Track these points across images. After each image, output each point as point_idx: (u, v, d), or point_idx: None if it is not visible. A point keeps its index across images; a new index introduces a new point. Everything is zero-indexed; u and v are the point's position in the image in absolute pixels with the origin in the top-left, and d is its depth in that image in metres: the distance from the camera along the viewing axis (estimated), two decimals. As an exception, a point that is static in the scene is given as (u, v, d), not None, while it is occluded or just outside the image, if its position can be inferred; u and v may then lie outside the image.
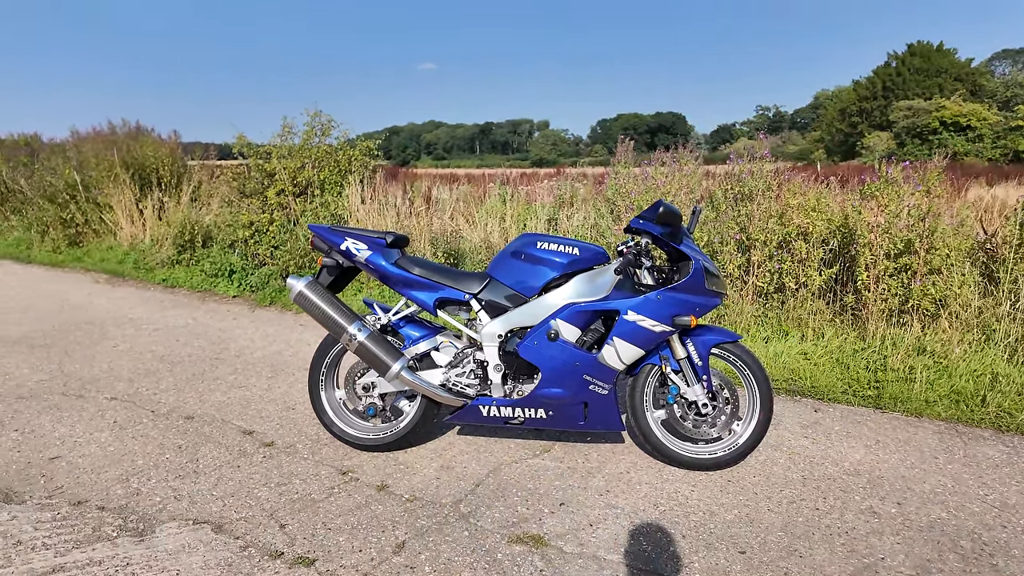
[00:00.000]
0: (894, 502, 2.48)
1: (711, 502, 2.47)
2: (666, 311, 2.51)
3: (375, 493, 2.53)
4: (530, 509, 2.42)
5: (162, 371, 4.00)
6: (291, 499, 2.49)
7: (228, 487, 2.57)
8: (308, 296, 2.66)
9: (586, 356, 2.57)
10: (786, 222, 4.46)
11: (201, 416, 3.30)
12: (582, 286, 2.60)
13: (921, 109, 44.58)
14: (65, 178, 9.19)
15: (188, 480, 2.63)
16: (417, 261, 2.76)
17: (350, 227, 2.83)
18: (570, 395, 2.61)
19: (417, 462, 2.80)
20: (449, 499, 2.49)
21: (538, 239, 2.68)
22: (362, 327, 2.64)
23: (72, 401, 3.50)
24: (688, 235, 2.69)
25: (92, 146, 9.54)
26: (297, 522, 2.33)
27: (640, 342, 2.54)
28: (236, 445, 2.96)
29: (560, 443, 2.98)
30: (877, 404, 3.45)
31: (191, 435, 3.07)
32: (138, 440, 3.01)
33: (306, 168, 6.73)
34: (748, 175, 4.58)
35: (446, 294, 2.71)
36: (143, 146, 9.44)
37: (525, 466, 2.76)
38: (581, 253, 2.63)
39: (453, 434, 3.08)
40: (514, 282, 2.67)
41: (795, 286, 4.39)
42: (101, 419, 3.26)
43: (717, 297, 2.60)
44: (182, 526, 2.30)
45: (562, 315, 2.57)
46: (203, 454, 2.87)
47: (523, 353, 2.61)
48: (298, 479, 2.64)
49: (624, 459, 2.82)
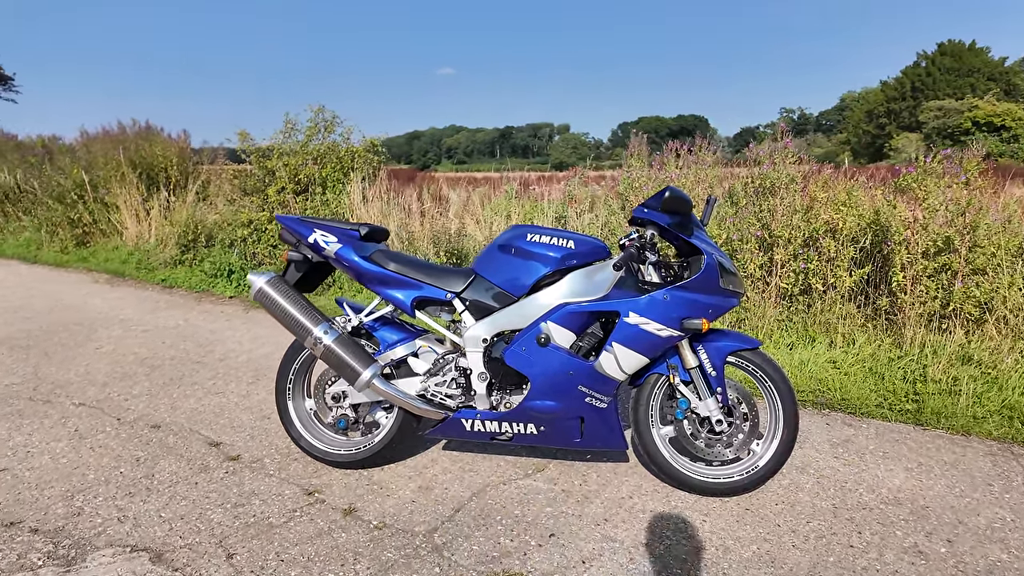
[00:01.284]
0: (943, 539, 2.11)
1: (726, 535, 2.12)
2: (674, 313, 2.17)
3: (340, 518, 2.23)
4: (514, 541, 2.10)
5: (139, 375, 3.76)
6: (246, 523, 2.20)
7: (180, 508, 2.30)
8: (269, 294, 2.38)
9: (581, 364, 2.25)
10: (812, 218, 4.09)
11: (168, 425, 3.04)
12: (578, 284, 2.28)
13: (952, 109, 43.31)
14: (73, 178, 9.11)
15: (137, 499, 2.36)
16: (394, 256, 2.46)
17: (321, 218, 2.55)
18: (563, 408, 2.29)
19: (393, 482, 2.49)
20: (423, 527, 2.18)
21: (529, 231, 2.37)
22: (329, 329, 2.35)
23: (37, 407, 3.27)
24: (701, 227, 2.35)
25: (101, 146, 9.46)
26: (247, 551, 2.04)
27: (644, 348, 2.21)
28: (199, 458, 2.69)
29: (556, 462, 2.66)
30: (917, 420, 3.07)
31: (153, 446, 2.81)
32: (95, 451, 2.75)
33: (307, 165, 6.50)
34: (770, 166, 4.21)
35: (425, 293, 2.41)
36: (152, 146, 9.34)
37: (514, 488, 2.44)
38: (577, 247, 2.31)
39: (437, 449, 2.77)
40: (501, 279, 2.36)
41: (823, 288, 4.01)
42: (62, 427, 3.01)
43: (734, 297, 2.26)
44: (117, 554, 2.02)
45: (554, 317, 2.25)
46: (161, 468, 2.60)
47: (509, 360, 2.29)
48: (258, 499, 2.36)
49: (627, 482, 2.48)
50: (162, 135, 9.81)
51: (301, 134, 6.90)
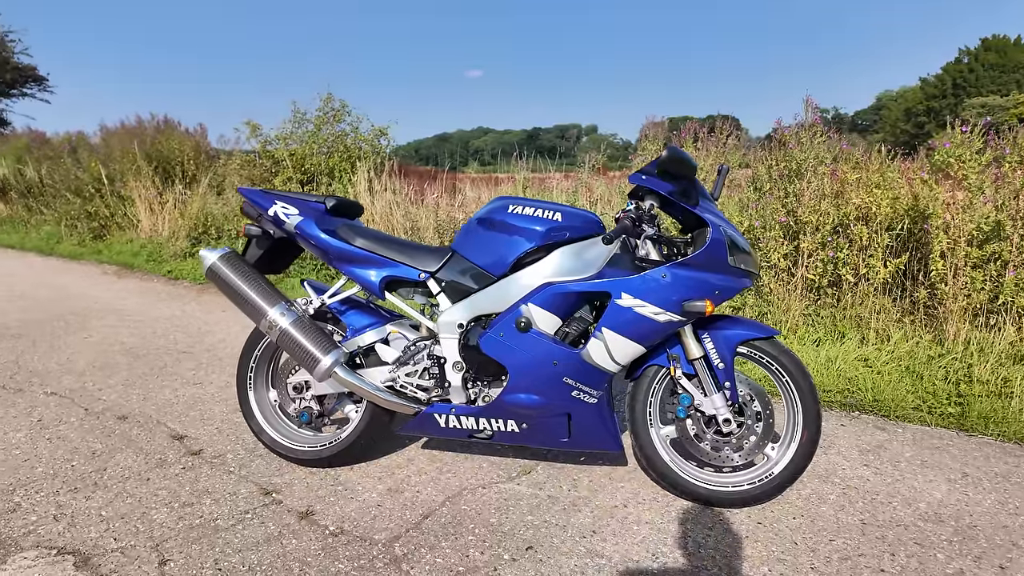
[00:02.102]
0: (995, 565, 1.77)
1: (732, 554, 1.82)
2: (674, 294, 1.87)
3: (295, 522, 1.99)
4: (485, 554, 1.82)
5: (121, 365, 3.59)
6: (190, 525, 1.97)
7: (123, 506, 2.08)
8: (221, 271, 2.15)
9: (567, 352, 1.96)
10: (843, 202, 3.73)
11: (136, 416, 2.85)
12: (565, 261, 1.99)
13: (997, 106, 41.54)
14: (91, 172, 9.13)
15: (81, 495, 2.15)
16: (362, 231, 2.21)
17: (286, 191, 2.31)
18: (547, 403, 2.01)
19: (360, 482, 2.24)
20: (385, 535, 1.92)
21: (511, 202, 2.09)
22: (287, 311, 2.11)
23: (7, 395, 3.11)
24: (709, 197, 2.05)
25: (118, 140, 9.49)
26: (184, 557, 1.81)
27: (638, 335, 1.91)
28: (158, 452, 2.48)
29: (545, 464, 2.38)
30: (961, 425, 2.70)
31: (114, 439, 2.61)
32: (52, 443, 2.56)
33: (314, 155, 6.33)
34: (795, 146, 3.86)
35: (396, 272, 2.15)
36: (168, 139, 9.33)
37: (494, 492, 2.17)
38: (565, 220, 2.02)
39: (415, 448, 2.52)
40: (480, 257, 2.09)
41: (853, 279, 3.64)
42: (27, 417, 2.84)
43: (746, 278, 1.96)
44: (40, 556, 1.81)
45: (535, 298, 1.97)
46: (116, 463, 2.39)
47: (485, 347, 2.02)
48: (210, 499, 2.13)
49: (623, 488, 2.19)
50: (179, 129, 9.81)
51: (311, 124, 6.76)
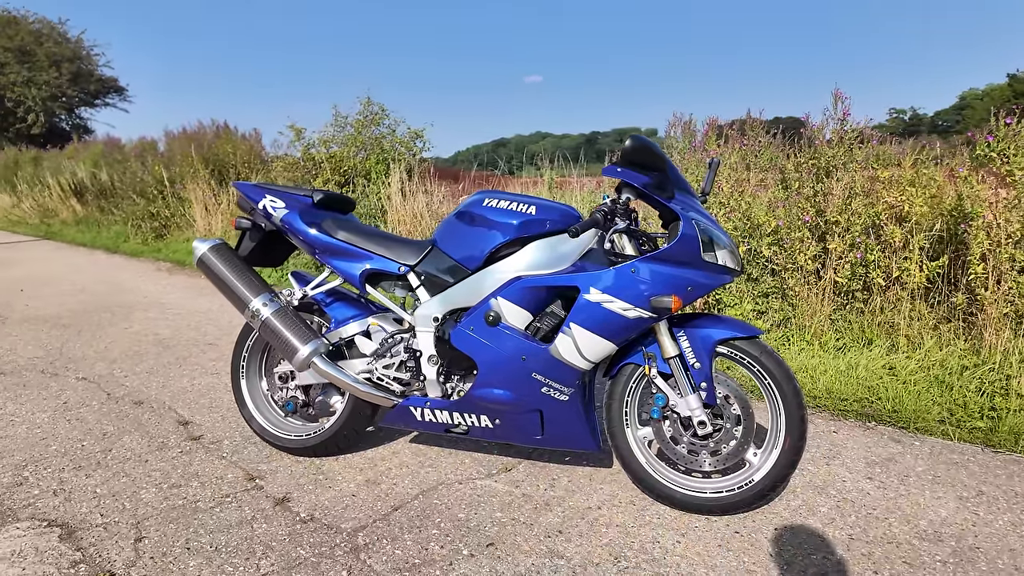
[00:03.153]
0: (991, 591, 1.62)
1: (699, 562, 1.74)
2: (642, 289, 1.81)
3: (269, 508, 2.03)
4: (445, 548, 1.81)
5: (150, 354, 3.78)
6: (172, 505, 2.05)
7: (117, 485, 2.19)
8: (210, 260, 2.23)
9: (535, 348, 1.93)
10: (875, 200, 3.52)
11: (151, 402, 2.99)
12: (538, 256, 1.96)
13: (1095, 103, 38.30)
14: (154, 175, 9.70)
15: (83, 473, 2.27)
16: (346, 224, 2.25)
17: (278, 185, 2.38)
18: (517, 399, 1.98)
19: (342, 472, 2.27)
20: (351, 524, 1.94)
21: (487, 196, 2.08)
22: (270, 301, 2.17)
23: (43, 379, 3.33)
24: (690, 192, 1.97)
25: (180, 144, 10.04)
26: (159, 535, 1.88)
27: (607, 331, 1.86)
28: (162, 436, 2.59)
29: (528, 462, 2.34)
30: (988, 441, 2.49)
31: (126, 422, 2.75)
32: (70, 424, 2.72)
33: (351, 157, 6.50)
34: (823, 142, 3.67)
35: (376, 265, 2.17)
36: (224, 143, 9.80)
37: (469, 488, 2.15)
38: (540, 213, 1.99)
39: (403, 441, 2.53)
40: (457, 250, 2.09)
41: (885, 282, 3.43)
42: (55, 399, 3.03)
43: (725, 275, 1.87)
44: (31, 527, 1.92)
45: (504, 292, 1.95)
46: (122, 444, 2.52)
47: (455, 340, 2.01)
48: (197, 482, 2.21)
49: (602, 490, 2.13)
50: (234, 133, 10.29)
51: (351, 127, 6.94)
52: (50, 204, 12.61)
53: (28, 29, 19.85)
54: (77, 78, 20.23)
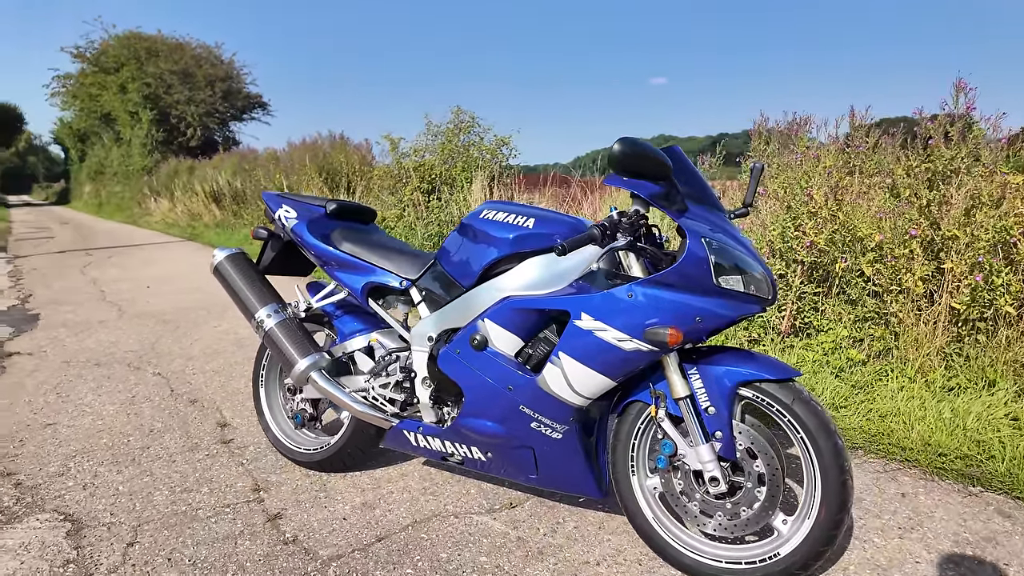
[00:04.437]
0: None
1: (694, 650, 1.44)
2: (640, 317, 1.54)
3: (260, 524, 2.00)
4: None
5: (224, 353, 3.99)
6: (176, 511, 2.07)
7: (138, 484, 2.26)
8: (225, 269, 2.25)
9: (521, 377, 1.72)
10: (1006, 212, 2.90)
11: (204, 401, 3.12)
12: (533, 274, 1.75)
13: None
14: (276, 182, 10.49)
15: (116, 469, 2.39)
16: (352, 235, 2.18)
17: (298, 195, 2.36)
18: (505, 433, 1.78)
19: (343, 492, 2.20)
20: (329, 552, 1.84)
21: (489, 206, 1.90)
22: (275, 312, 2.14)
23: (126, 372, 3.61)
24: (715, 205, 1.66)
25: (298, 154, 10.79)
26: (150, 542, 1.90)
27: (600, 364, 1.61)
28: (197, 437, 2.68)
29: (538, 500, 2.13)
30: None
31: (174, 419, 2.88)
32: (128, 418, 2.90)
33: (437, 165, 6.57)
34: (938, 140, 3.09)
35: (379, 278, 2.07)
36: (337, 152, 10.40)
37: (463, 524, 1.98)
38: (539, 227, 1.78)
39: (416, 464, 2.41)
40: (453, 265, 1.93)
41: (1015, 311, 2.81)
42: (127, 392, 3.26)
43: (750, 304, 1.55)
44: (48, 520, 2.02)
45: (492, 313, 1.76)
46: (160, 443, 2.63)
47: (442, 363, 1.85)
48: (207, 488, 2.23)
49: (609, 541, 1.87)
50: (348, 144, 10.88)
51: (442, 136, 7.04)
52: (196, 208, 14.08)
53: (191, 53, 22.50)
54: (228, 95, 22.62)
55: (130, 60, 21.93)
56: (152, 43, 22.37)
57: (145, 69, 21.70)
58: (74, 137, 29.24)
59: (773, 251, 3.59)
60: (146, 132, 21.50)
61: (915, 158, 3.25)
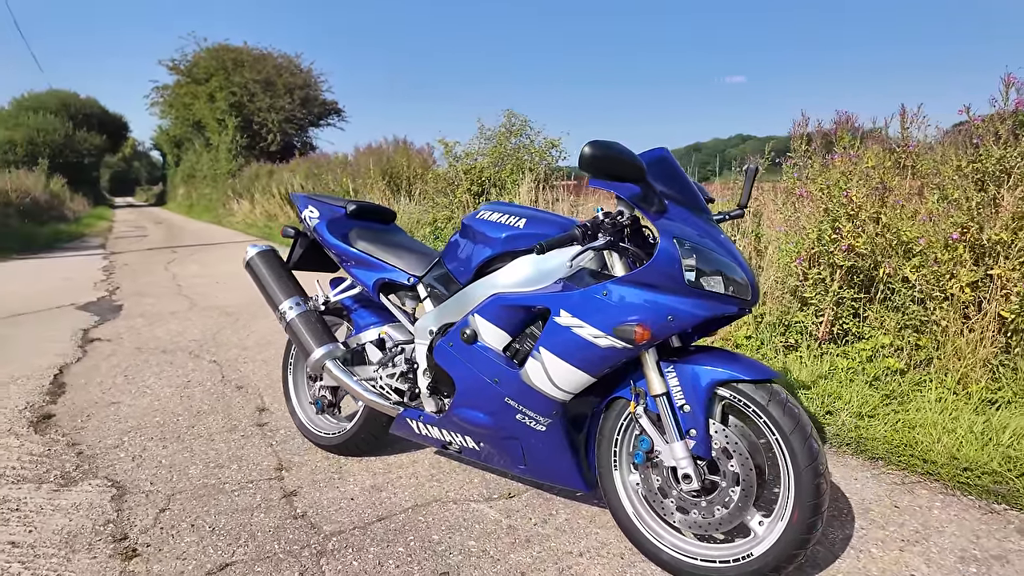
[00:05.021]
0: None
1: (656, 641, 1.47)
2: (613, 315, 1.59)
3: (276, 499, 2.17)
4: (400, 568, 1.77)
5: (276, 344, 4.26)
6: (205, 484, 2.28)
7: (179, 458, 2.50)
8: (256, 264, 2.45)
9: (506, 371, 1.79)
10: (1061, 215, 2.71)
11: (249, 387, 3.37)
12: (521, 272, 1.82)
13: None
14: (342, 184, 10.98)
15: (162, 444, 2.63)
16: (367, 234, 2.31)
17: (324, 196, 2.53)
18: (492, 423, 1.86)
19: (356, 474, 2.34)
20: (332, 527, 1.98)
21: (487, 208, 1.99)
22: (296, 305, 2.32)
23: (187, 359, 3.94)
24: (699, 207, 1.67)
25: (364, 158, 11.25)
26: (178, 509, 2.10)
27: (577, 360, 1.66)
28: (236, 419, 2.91)
29: (536, 492, 2.20)
30: None
31: (220, 403, 3.13)
32: (180, 400, 3.18)
33: (488, 168, 6.72)
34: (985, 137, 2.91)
35: (388, 275, 2.20)
36: (400, 156, 10.77)
37: (459, 510, 2.08)
38: (528, 227, 1.85)
39: (428, 452, 2.53)
40: (452, 263, 2.03)
41: (1068, 322, 2.62)
42: (183, 377, 3.56)
43: (725, 304, 1.56)
44: (99, 486, 2.27)
45: (482, 309, 1.84)
46: (204, 423, 2.87)
47: (436, 355, 1.95)
48: (236, 465, 2.44)
49: (596, 535, 1.92)
50: (409, 148, 11.24)
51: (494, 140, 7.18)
52: (272, 210, 14.91)
53: (273, 63, 23.84)
54: (305, 102, 23.82)
55: (218, 71, 23.51)
56: (238, 54, 23.90)
57: (231, 79, 23.22)
58: (170, 143, 31.59)
59: (810, 256, 3.48)
60: (231, 138, 22.97)
61: (963, 157, 3.08)
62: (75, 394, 3.27)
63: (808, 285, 3.46)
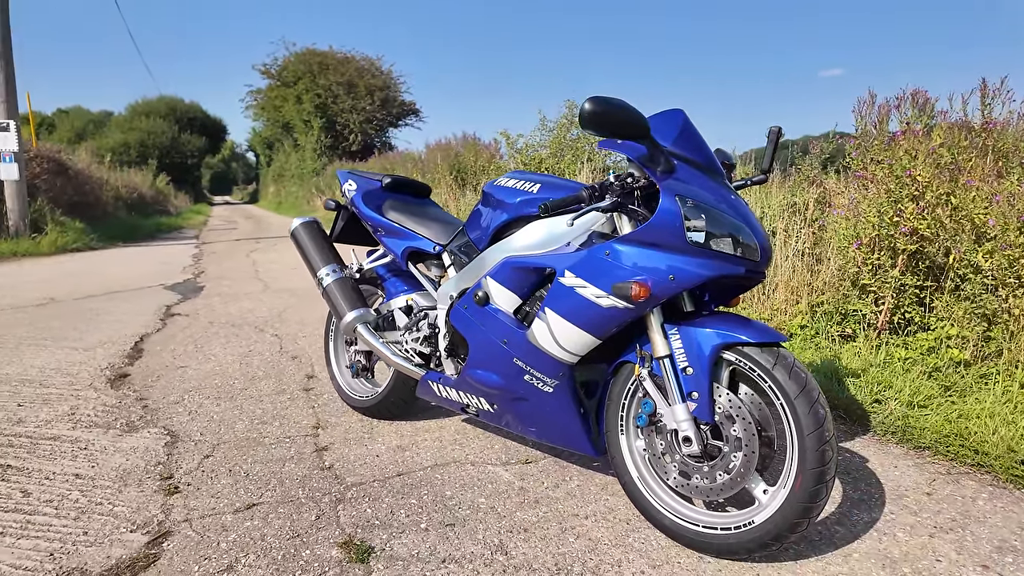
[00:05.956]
0: None
1: (645, 599, 1.46)
2: (614, 274, 1.58)
3: (308, 453, 2.30)
4: (410, 517, 1.84)
5: (333, 323, 4.48)
6: (247, 437, 2.45)
7: (229, 415, 2.69)
8: (300, 234, 2.59)
9: (514, 331, 1.82)
10: None
11: (302, 357, 3.57)
12: (533, 235, 1.85)
13: None
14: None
15: (217, 403, 2.84)
16: (398, 205, 2.41)
17: (363, 171, 2.64)
18: (503, 384, 1.90)
19: (385, 435, 2.44)
20: (354, 479, 2.09)
21: (507, 176, 2.03)
22: (333, 272, 2.44)
23: (252, 332, 4.21)
24: (712, 167, 1.64)
25: (433, 154, 11.55)
26: (221, 458, 2.27)
27: (582, 321, 1.66)
28: (286, 384, 3.09)
29: (553, 459, 2.22)
30: None
31: (274, 370, 3.33)
32: (240, 366, 3.41)
33: (548, 158, 6.74)
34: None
35: (416, 244, 2.28)
36: (468, 151, 10.98)
37: (475, 471, 2.13)
38: (542, 192, 1.87)
39: (457, 419, 2.60)
40: (473, 230, 2.09)
41: None
42: (246, 347, 3.81)
43: (734, 264, 1.53)
44: (156, 433, 2.49)
45: (494, 272, 1.88)
46: (256, 386, 3.07)
47: (452, 318, 2.01)
48: (278, 423, 2.60)
49: (605, 502, 1.92)
50: (477, 143, 11.43)
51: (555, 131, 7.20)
52: (349, 205, 15.57)
53: (356, 66, 24.87)
54: (385, 103, 24.67)
55: (305, 74, 24.79)
56: (324, 58, 25.10)
57: (317, 81, 24.43)
58: (263, 144, 33.63)
59: (870, 241, 3.29)
60: (316, 138, 24.17)
61: None
62: (150, 358, 3.57)
63: (867, 271, 3.28)
